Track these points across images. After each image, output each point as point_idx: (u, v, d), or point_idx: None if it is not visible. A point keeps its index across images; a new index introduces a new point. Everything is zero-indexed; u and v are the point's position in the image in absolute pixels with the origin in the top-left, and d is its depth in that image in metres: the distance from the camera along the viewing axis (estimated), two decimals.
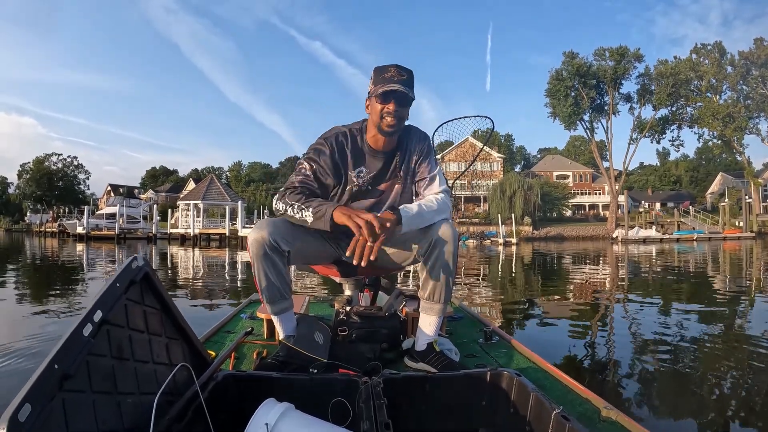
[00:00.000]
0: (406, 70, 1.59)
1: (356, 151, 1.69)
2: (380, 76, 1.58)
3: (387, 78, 1.56)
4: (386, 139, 1.67)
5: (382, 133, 1.63)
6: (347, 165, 1.69)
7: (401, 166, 1.74)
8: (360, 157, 1.70)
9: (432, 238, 1.61)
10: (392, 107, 1.57)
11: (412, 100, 1.60)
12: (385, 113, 1.57)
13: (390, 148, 1.71)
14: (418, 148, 1.75)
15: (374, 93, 1.57)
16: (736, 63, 39.12)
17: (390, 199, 1.77)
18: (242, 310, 2.69)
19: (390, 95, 1.56)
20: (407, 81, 1.58)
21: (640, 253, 17.89)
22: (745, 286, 7.76)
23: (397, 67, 1.58)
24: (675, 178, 74.22)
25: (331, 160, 1.65)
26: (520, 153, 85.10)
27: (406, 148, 1.74)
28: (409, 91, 1.57)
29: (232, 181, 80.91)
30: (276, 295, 1.59)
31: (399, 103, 1.57)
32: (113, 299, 0.94)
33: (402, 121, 1.62)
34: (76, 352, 0.80)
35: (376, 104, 1.59)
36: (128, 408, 0.92)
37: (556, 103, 41.00)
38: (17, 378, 2.72)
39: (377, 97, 1.57)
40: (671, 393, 2.54)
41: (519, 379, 1.23)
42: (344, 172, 1.69)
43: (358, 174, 1.70)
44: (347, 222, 1.42)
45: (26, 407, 0.66)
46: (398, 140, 1.73)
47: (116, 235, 32.95)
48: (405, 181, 1.76)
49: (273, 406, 1.00)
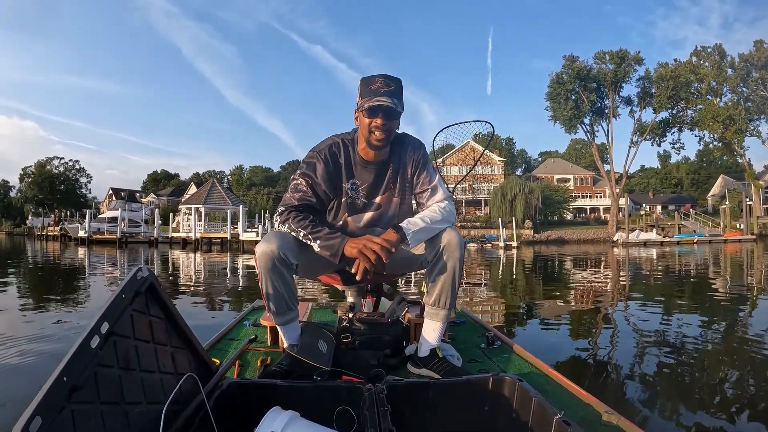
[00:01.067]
0: (394, 80, 1.57)
1: (348, 162, 1.68)
2: (367, 87, 1.56)
3: (374, 90, 1.54)
4: (377, 152, 1.67)
5: (371, 147, 1.62)
6: (341, 177, 1.68)
7: (395, 178, 1.73)
8: (352, 169, 1.69)
9: (439, 245, 1.62)
10: (380, 122, 1.55)
11: (401, 112, 1.59)
12: (374, 127, 1.56)
13: (381, 159, 1.70)
14: (413, 159, 1.74)
15: (361, 107, 1.56)
16: (737, 65, 39.13)
17: (390, 212, 1.77)
18: (245, 317, 2.69)
19: (377, 110, 1.54)
20: (395, 92, 1.55)
21: (640, 257, 17.87)
22: (745, 289, 7.74)
23: (384, 77, 1.56)
24: (676, 180, 74.16)
25: (326, 173, 1.65)
26: (521, 156, 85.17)
27: (399, 159, 1.73)
28: (397, 104, 1.55)
29: (234, 185, 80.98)
30: (282, 306, 1.59)
31: (386, 117, 1.56)
32: (119, 310, 0.95)
33: (391, 134, 1.61)
34: (84, 363, 0.81)
35: (364, 118, 1.58)
36: (136, 418, 0.93)
37: (557, 107, 41.01)
38: (24, 384, 2.73)
39: (364, 112, 1.56)
40: (672, 397, 2.55)
41: (521, 384, 1.24)
42: (338, 185, 1.69)
43: (351, 186, 1.70)
44: (357, 255, 1.49)
45: (37, 420, 0.67)
46: (391, 150, 1.72)
47: (118, 239, 32.99)
48: (402, 193, 1.76)
49: (279, 414, 1.01)
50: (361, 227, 1.76)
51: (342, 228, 1.75)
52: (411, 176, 1.75)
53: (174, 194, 73.08)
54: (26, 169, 72.70)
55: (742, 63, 38.86)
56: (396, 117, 1.59)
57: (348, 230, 1.76)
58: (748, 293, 7.22)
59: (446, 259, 1.62)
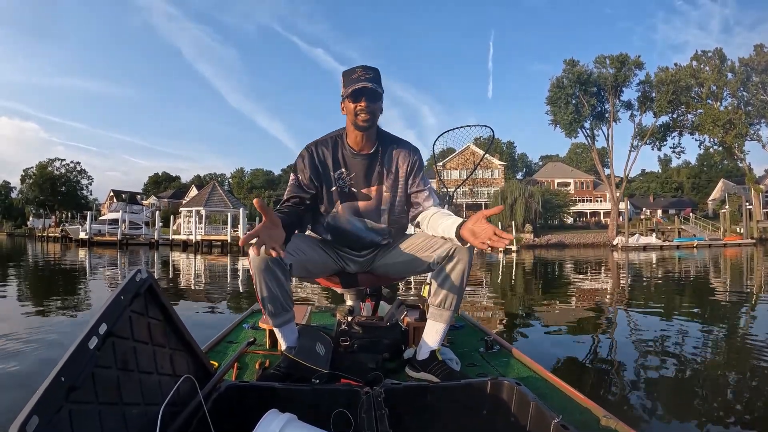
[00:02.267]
0: (372, 69, 1.68)
1: (336, 154, 1.77)
2: (348, 78, 1.66)
3: (355, 79, 1.64)
4: (365, 138, 1.74)
5: (358, 128, 1.69)
6: (328, 168, 1.76)
7: (387, 173, 1.78)
8: (341, 160, 1.77)
9: (452, 247, 1.64)
10: (364, 104, 1.64)
11: (381, 94, 1.68)
12: (359, 110, 1.65)
13: (370, 150, 1.77)
14: (409, 161, 1.80)
15: (345, 94, 1.66)
16: (737, 69, 39.18)
17: (382, 204, 1.80)
18: (244, 320, 2.69)
19: (359, 93, 1.64)
20: (374, 78, 1.65)
21: (639, 261, 17.87)
22: (745, 294, 7.73)
23: (362, 67, 1.66)
24: (677, 184, 74.10)
25: (313, 166, 1.75)
26: (522, 160, 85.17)
27: (391, 157, 1.79)
28: (377, 87, 1.65)
29: (235, 188, 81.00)
30: (278, 307, 1.59)
31: (369, 99, 1.65)
32: (118, 312, 0.95)
33: (375, 116, 1.69)
34: (82, 364, 0.81)
35: (349, 104, 1.67)
36: (133, 419, 0.93)
37: (557, 111, 41.06)
38: (21, 383, 2.73)
39: (349, 97, 1.66)
40: (671, 402, 2.54)
41: (519, 388, 1.24)
42: (328, 173, 1.76)
43: (339, 176, 1.77)
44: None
45: (34, 419, 0.67)
46: (383, 147, 1.78)
47: (119, 240, 32.98)
48: (394, 189, 1.80)
49: (276, 416, 1.01)
50: (352, 216, 1.80)
51: (334, 217, 1.80)
52: (405, 176, 1.80)
53: (175, 196, 73.06)
54: (27, 171, 72.68)
55: (743, 67, 38.91)
56: (378, 99, 1.68)
57: (340, 219, 1.80)
58: (747, 298, 7.21)
59: (456, 261, 1.65)
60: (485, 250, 1.39)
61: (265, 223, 1.34)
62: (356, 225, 1.80)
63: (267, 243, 1.29)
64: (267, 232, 1.32)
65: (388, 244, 1.88)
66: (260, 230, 1.30)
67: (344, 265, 1.90)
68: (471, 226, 1.48)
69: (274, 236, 1.34)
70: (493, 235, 1.37)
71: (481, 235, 1.42)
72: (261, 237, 1.29)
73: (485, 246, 1.40)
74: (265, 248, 1.29)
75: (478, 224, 1.47)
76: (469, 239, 1.48)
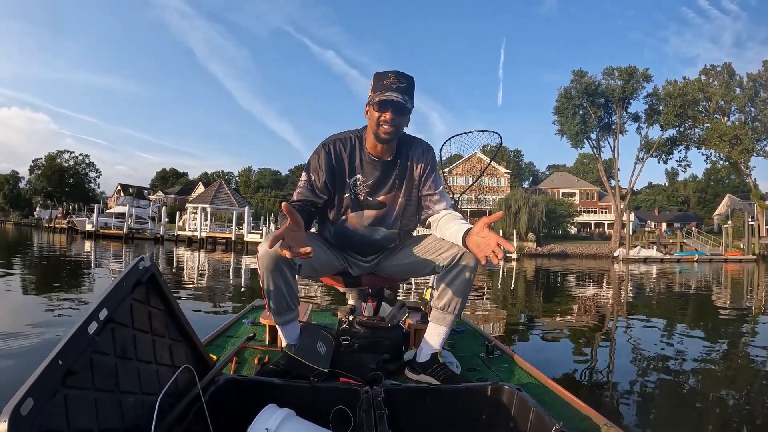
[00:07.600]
0: (407, 77, 1.57)
1: (354, 158, 1.69)
2: (380, 82, 1.56)
3: (386, 85, 1.54)
4: (384, 146, 1.66)
5: (378, 140, 1.62)
6: (344, 173, 1.69)
7: (402, 178, 1.72)
8: (358, 165, 1.69)
9: (459, 252, 1.60)
10: (389, 116, 1.55)
11: (410, 109, 1.59)
12: (382, 121, 1.56)
13: (389, 157, 1.70)
14: (423, 161, 1.73)
15: (372, 101, 1.56)
16: (745, 85, 39.03)
17: (395, 212, 1.75)
18: (245, 315, 2.69)
19: (387, 104, 1.54)
20: (406, 89, 1.56)
21: (639, 273, 17.81)
22: (744, 309, 7.68)
23: (397, 73, 1.56)
24: (683, 198, 73.68)
25: (328, 168, 1.66)
26: (528, 169, 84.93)
27: (407, 160, 1.72)
28: (408, 100, 1.56)
29: (242, 186, 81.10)
30: (283, 306, 1.57)
31: (396, 113, 1.56)
32: (119, 298, 0.94)
33: (399, 129, 1.61)
34: (80, 349, 0.80)
35: (373, 112, 1.58)
36: (129, 407, 0.92)
37: (564, 121, 40.96)
38: (18, 368, 2.73)
39: (374, 105, 1.56)
40: (671, 411, 2.52)
41: (519, 393, 1.23)
42: (343, 179, 1.69)
43: (354, 182, 1.70)
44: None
45: (29, 401, 0.66)
46: (399, 151, 1.71)
47: (124, 234, 33.11)
48: (408, 194, 1.75)
49: (274, 411, 1.00)
50: (363, 225, 1.74)
51: (344, 224, 1.74)
52: (419, 177, 1.74)
53: (182, 193, 73.21)
54: (36, 161, 73.33)
55: (751, 82, 38.75)
56: (406, 113, 1.59)
57: (350, 227, 1.75)
58: (747, 313, 7.16)
59: (463, 265, 1.60)
60: (490, 259, 1.37)
61: (290, 224, 1.31)
62: (365, 233, 1.76)
63: (292, 245, 1.28)
64: (291, 234, 1.31)
65: (394, 246, 1.86)
66: (285, 232, 1.29)
67: (349, 267, 1.86)
68: (475, 238, 1.46)
69: (297, 238, 1.32)
70: (496, 246, 1.35)
71: (485, 248, 1.40)
72: (286, 239, 1.28)
73: (485, 261, 1.39)
74: (291, 250, 1.27)
75: (481, 235, 1.44)
76: (474, 251, 1.46)
